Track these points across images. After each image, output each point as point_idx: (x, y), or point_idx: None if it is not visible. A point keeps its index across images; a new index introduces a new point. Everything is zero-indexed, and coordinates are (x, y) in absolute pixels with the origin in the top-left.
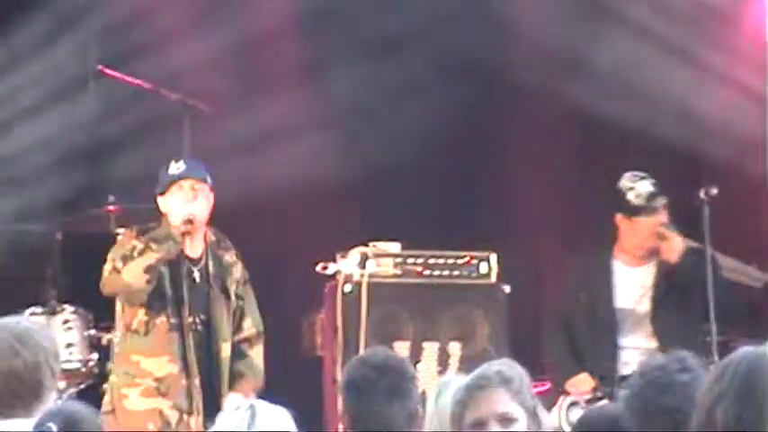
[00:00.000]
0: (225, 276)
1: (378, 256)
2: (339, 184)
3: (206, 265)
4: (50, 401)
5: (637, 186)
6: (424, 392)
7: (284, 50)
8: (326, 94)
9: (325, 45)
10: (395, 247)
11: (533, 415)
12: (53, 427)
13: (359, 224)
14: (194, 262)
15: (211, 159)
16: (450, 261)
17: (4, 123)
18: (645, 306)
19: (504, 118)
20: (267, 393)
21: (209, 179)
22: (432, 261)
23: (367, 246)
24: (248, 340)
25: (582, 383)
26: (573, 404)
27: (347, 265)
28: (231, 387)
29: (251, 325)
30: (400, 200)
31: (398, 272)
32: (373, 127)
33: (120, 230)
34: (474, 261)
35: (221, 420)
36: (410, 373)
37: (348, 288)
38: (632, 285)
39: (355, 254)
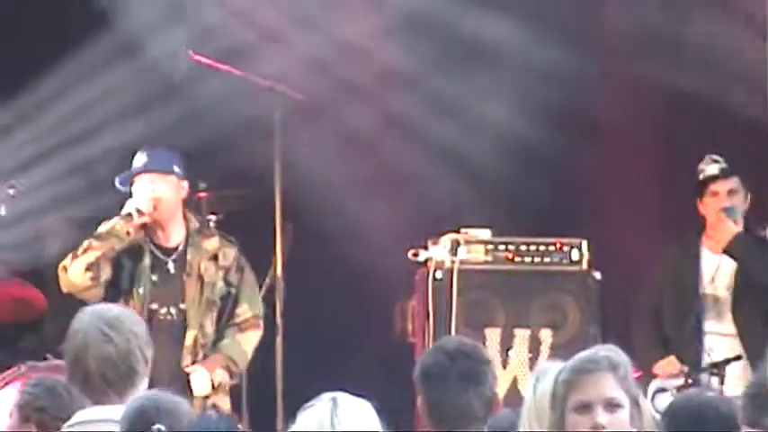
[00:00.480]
0: (203, 264)
1: (468, 242)
2: (429, 171)
3: (183, 253)
4: (143, 388)
5: (706, 169)
6: (515, 378)
7: (374, 56)
8: (418, 91)
9: (415, 51)
10: (485, 233)
11: (636, 404)
12: (162, 428)
13: (450, 211)
14: (169, 251)
15: (302, 148)
16: (541, 248)
17: (95, 126)
18: (725, 292)
19: (594, 102)
20: (359, 380)
21: (176, 168)
22: (522, 248)
23: (458, 232)
24: (238, 325)
25: (669, 366)
26: (660, 390)
27: (438, 252)
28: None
29: (246, 310)
30: (490, 186)
31: (489, 258)
32: (462, 117)
33: (212, 217)
34: (565, 248)
35: (303, 414)
36: (484, 357)
37: (439, 275)
38: (715, 271)
39: (446, 241)
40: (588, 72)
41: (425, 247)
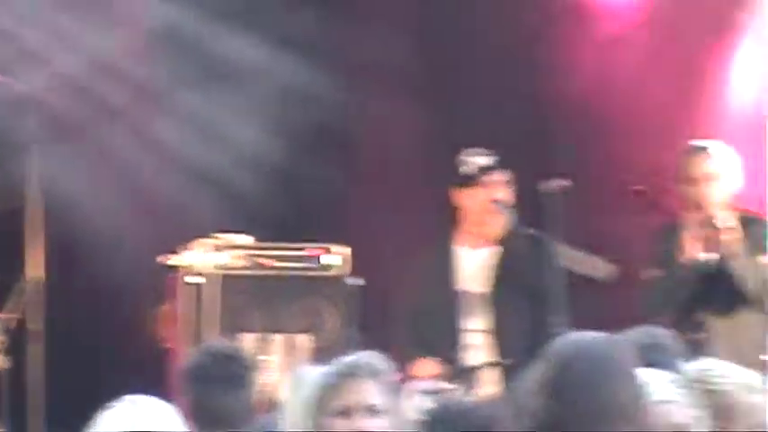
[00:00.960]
0: None
1: (225, 247)
2: (185, 187)
3: None
4: None
5: (471, 159)
6: (272, 383)
7: (130, 74)
8: (172, 109)
9: (170, 69)
10: (244, 239)
11: (396, 410)
12: None
13: (212, 218)
14: None
15: (59, 161)
16: (300, 253)
17: None
18: (483, 288)
19: (356, 112)
20: (117, 385)
21: None
22: (281, 253)
23: (214, 237)
24: None
25: (428, 367)
26: (420, 392)
27: (193, 257)
28: None
29: None
30: (255, 195)
31: (246, 263)
32: (215, 133)
33: None
34: (324, 254)
35: (104, 415)
36: (248, 361)
37: (194, 279)
38: (474, 267)
39: (202, 245)
40: (341, 89)
41: (179, 252)
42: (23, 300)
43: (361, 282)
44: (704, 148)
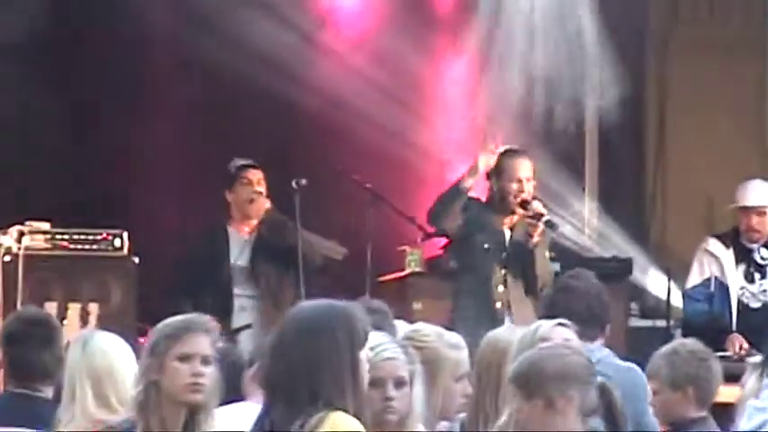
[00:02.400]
0: None
1: (32, 232)
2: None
3: None
4: None
5: (232, 163)
6: (68, 343)
7: None
8: None
9: None
10: (46, 225)
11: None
12: None
13: (14, 205)
14: None
15: None
16: (91, 237)
17: None
18: (249, 263)
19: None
20: None
21: None
22: (76, 237)
23: (23, 224)
24: None
25: None
26: None
27: (7, 240)
28: None
29: None
30: (49, 184)
31: (49, 245)
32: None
33: None
34: (110, 237)
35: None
36: (56, 324)
37: (8, 258)
38: (241, 244)
39: (13, 231)
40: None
41: None
42: None
43: (137, 260)
44: (524, 152)
